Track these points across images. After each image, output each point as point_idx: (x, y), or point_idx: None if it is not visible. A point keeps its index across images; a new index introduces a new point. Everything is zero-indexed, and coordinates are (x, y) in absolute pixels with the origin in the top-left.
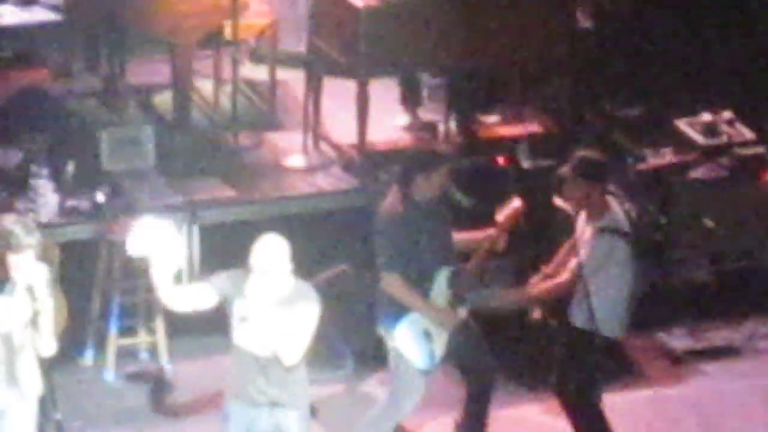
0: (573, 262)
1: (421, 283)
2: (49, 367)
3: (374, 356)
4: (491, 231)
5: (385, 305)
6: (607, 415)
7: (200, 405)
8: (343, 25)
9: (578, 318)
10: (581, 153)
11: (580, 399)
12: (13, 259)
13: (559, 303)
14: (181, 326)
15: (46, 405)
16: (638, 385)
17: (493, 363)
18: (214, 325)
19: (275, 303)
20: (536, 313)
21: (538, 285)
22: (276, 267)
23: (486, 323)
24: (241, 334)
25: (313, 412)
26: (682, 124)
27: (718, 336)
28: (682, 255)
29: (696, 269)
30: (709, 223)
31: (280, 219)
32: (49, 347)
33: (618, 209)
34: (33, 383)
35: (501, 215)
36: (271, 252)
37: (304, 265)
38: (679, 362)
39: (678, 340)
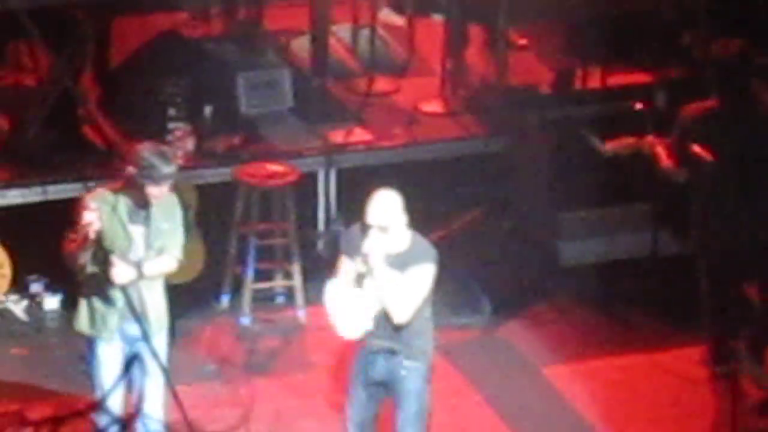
0: None
1: None
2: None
3: (512, 302)
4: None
5: None
6: None
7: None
8: None
9: None
10: None
11: None
12: (153, 190)
13: None
14: (318, 271)
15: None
16: None
17: None
18: None
19: (390, 259)
20: None
21: None
22: (391, 222)
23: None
24: (360, 289)
25: None
26: None
27: None
28: None
29: None
30: None
31: (416, 163)
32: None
33: None
34: (163, 314)
35: None
36: (386, 207)
37: (441, 210)
38: None
39: None
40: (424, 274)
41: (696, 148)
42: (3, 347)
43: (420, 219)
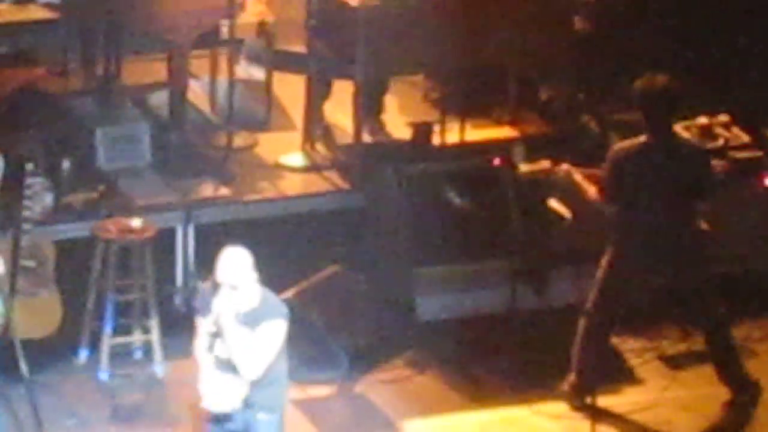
0: None
1: None
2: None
3: (368, 357)
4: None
5: None
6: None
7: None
8: (340, 25)
9: None
10: None
11: None
12: None
13: None
14: (176, 325)
15: None
16: (633, 389)
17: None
18: None
19: (241, 317)
20: None
21: None
22: (241, 280)
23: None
24: (215, 347)
25: None
26: (679, 128)
27: None
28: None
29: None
30: (703, 225)
31: (275, 219)
32: None
33: None
34: None
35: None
36: (236, 265)
37: (299, 266)
38: (673, 365)
39: (672, 342)
40: (275, 331)
41: (555, 205)
42: None
43: (278, 274)
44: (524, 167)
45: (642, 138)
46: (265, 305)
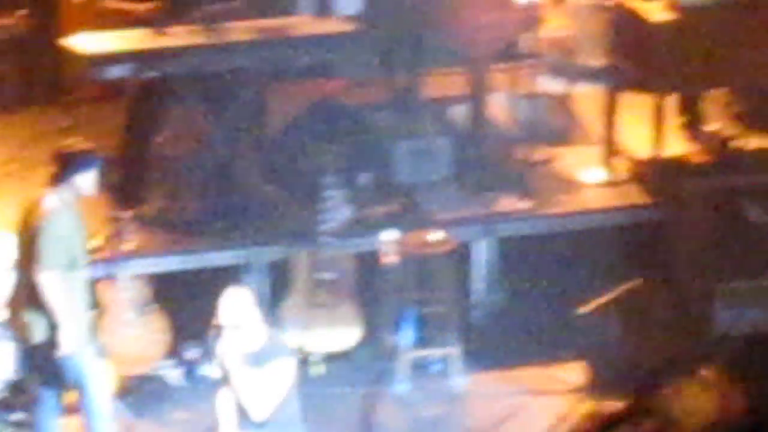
0: None
1: None
2: None
3: (666, 372)
4: None
5: None
6: None
7: None
8: (639, 39)
9: None
10: None
11: None
12: None
13: None
14: (474, 339)
15: None
16: None
17: None
18: None
19: (249, 358)
20: None
21: None
22: (243, 320)
23: None
24: (224, 391)
25: None
26: None
27: None
28: None
29: None
30: None
31: (574, 232)
32: None
33: None
34: None
35: None
36: (237, 305)
37: (598, 279)
38: None
39: None
40: (284, 370)
41: None
42: (165, 412)
43: (577, 287)
44: None
45: None
46: (272, 344)
